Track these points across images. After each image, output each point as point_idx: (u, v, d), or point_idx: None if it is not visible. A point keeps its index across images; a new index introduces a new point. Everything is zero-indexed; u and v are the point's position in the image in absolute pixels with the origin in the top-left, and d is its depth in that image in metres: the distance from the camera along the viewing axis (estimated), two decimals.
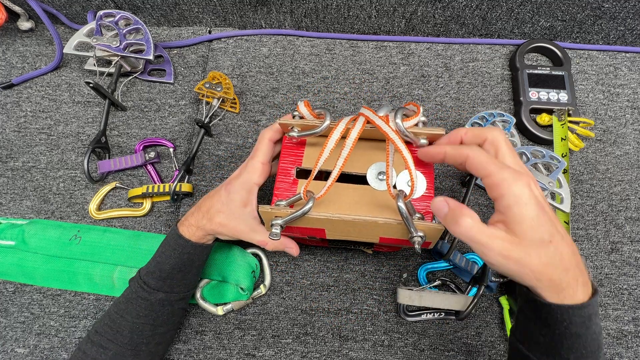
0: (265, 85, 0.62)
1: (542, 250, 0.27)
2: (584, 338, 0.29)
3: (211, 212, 0.41)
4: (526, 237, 0.28)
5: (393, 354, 0.48)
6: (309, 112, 0.38)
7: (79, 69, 0.64)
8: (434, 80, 0.62)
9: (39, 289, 0.52)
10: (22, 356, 0.49)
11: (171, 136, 0.59)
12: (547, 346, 0.30)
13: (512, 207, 0.28)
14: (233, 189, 0.40)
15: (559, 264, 0.28)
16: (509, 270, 0.28)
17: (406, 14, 0.61)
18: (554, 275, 0.28)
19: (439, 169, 0.56)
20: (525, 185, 0.28)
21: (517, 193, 0.28)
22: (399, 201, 0.33)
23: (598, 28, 0.61)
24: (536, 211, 0.28)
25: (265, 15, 0.64)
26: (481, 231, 0.28)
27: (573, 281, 0.28)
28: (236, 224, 0.40)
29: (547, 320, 0.29)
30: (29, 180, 0.58)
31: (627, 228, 0.53)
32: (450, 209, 0.30)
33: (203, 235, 0.42)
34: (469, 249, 0.51)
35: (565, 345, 0.29)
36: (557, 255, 0.28)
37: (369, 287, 0.51)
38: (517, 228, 0.28)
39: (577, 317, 0.28)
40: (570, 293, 0.28)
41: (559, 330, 0.29)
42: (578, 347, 0.29)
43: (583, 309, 0.28)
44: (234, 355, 0.48)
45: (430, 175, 0.38)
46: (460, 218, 0.29)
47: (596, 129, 0.58)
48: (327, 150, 0.35)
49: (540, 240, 0.28)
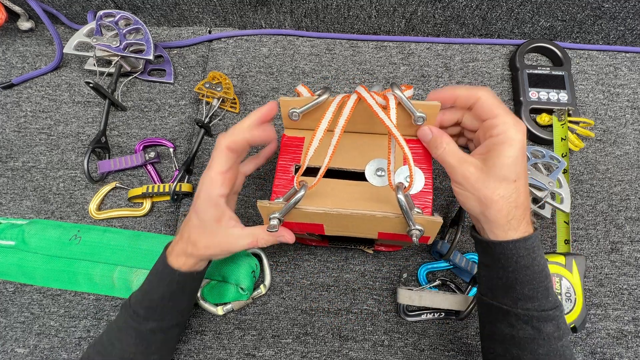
0: (265, 85, 0.62)
1: (503, 185, 0.32)
2: (531, 269, 0.33)
3: (192, 239, 0.38)
4: (494, 170, 0.32)
5: (393, 354, 0.48)
6: (308, 92, 0.38)
7: (79, 69, 0.64)
8: (434, 80, 0.62)
9: (39, 289, 0.52)
10: (22, 356, 0.49)
11: (171, 136, 0.59)
12: (505, 287, 0.34)
13: (502, 144, 0.32)
14: (200, 209, 0.38)
15: (513, 200, 0.33)
16: (467, 193, 0.34)
17: (406, 14, 0.62)
18: (503, 207, 0.32)
19: (438, 169, 0.56)
20: (521, 132, 0.33)
21: (512, 136, 0.32)
22: (399, 193, 0.33)
23: (598, 28, 0.61)
24: (517, 154, 0.32)
25: (265, 15, 0.64)
26: (454, 154, 0.34)
27: (520, 216, 0.33)
28: (219, 241, 0.38)
29: (501, 261, 0.34)
30: (29, 180, 0.58)
31: (627, 228, 0.53)
32: (433, 136, 0.36)
33: (194, 262, 0.40)
34: (469, 249, 0.51)
35: (518, 280, 0.33)
36: (514, 193, 0.33)
37: (369, 287, 0.51)
38: (493, 161, 0.33)
39: (523, 250, 0.33)
40: (515, 226, 0.33)
41: (511, 266, 0.33)
42: (528, 279, 0.33)
43: (527, 240, 0.33)
44: (234, 355, 0.48)
45: (429, 171, 0.38)
46: (439, 143, 0.35)
47: (596, 129, 0.58)
48: (324, 121, 0.35)
49: (504, 177, 0.32)
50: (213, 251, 0.39)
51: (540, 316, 0.33)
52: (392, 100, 0.35)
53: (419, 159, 0.39)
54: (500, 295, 0.35)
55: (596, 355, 0.48)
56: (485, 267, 0.37)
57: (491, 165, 0.33)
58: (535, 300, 0.34)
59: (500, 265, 0.34)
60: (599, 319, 0.49)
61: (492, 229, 0.34)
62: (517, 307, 0.34)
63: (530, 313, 0.33)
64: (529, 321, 0.33)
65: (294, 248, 0.53)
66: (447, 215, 0.53)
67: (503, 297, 0.35)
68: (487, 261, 0.36)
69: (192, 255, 0.39)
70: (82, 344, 0.49)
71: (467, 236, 0.52)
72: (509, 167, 0.32)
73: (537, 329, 0.33)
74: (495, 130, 0.33)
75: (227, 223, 0.38)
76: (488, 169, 0.33)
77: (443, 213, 0.54)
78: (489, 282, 0.36)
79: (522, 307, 0.34)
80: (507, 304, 0.34)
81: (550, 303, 0.34)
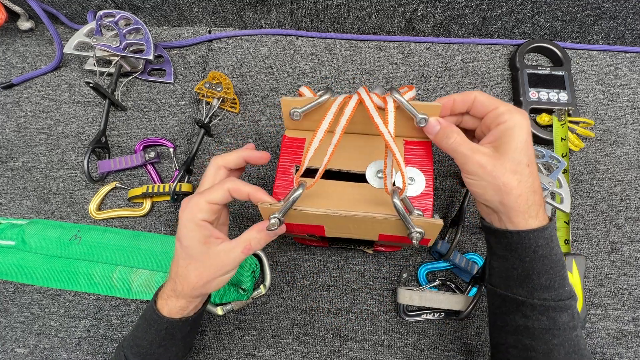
0: (265, 85, 0.62)
1: (519, 169, 0.32)
2: (549, 258, 0.33)
3: (181, 273, 0.35)
4: (509, 155, 0.32)
5: (393, 354, 0.48)
6: (310, 93, 0.39)
7: (79, 69, 0.64)
8: (434, 80, 0.62)
9: (39, 289, 0.52)
10: (22, 356, 0.49)
11: (171, 136, 0.59)
12: (521, 277, 0.34)
13: (511, 129, 0.32)
14: (182, 235, 0.34)
15: (530, 185, 0.32)
16: (484, 182, 0.33)
17: (406, 14, 0.62)
18: (523, 192, 0.32)
19: (438, 169, 0.56)
20: (524, 117, 0.33)
21: (518, 121, 0.33)
22: (394, 197, 0.33)
23: (598, 28, 0.61)
24: (527, 138, 0.33)
25: (265, 15, 0.64)
26: (466, 143, 0.34)
27: (538, 202, 0.33)
28: (210, 264, 0.35)
29: (518, 251, 0.33)
30: (29, 180, 0.58)
31: (627, 228, 0.53)
32: (441, 127, 0.35)
33: (185, 304, 0.36)
34: (469, 249, 0.51)
35: (535, 270, 0.33)
36: (530, 177, 0.32)
37: (369, 287, 0.51)
38: (505, 147, 0.32)
39: (542, 240, 0.32)
40: (534, 213, 0.32)
41: (529, 256, 0.33)
42: (546, 268, 0.33)
43: (546, 230, 0.32)
44: (234, 355, 0.48)
45: (430, 173, 0.38)
46: (450, 133, 0.34)
47: (596, 129, 0.58)
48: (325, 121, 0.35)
49: (519, 160, 0.32)
50: (207, 277, 0.35)
51: (557, 306, 0.33)
52: (391, 103, 0.35)
53: (420, 161, 0.39)
54: (515, 285, 0.34)
55: (596, 355, 0.48)
56: (499, 258, 0.36)
57: (504, 151, 0.32)
58: (552, 290, 0.33)
59: (517, 255, 0.33)
60: (599, 319, 0.49)
61: (512, 218, 0.33)
62: (533, 297, 0.33)
63: (547, 303, 0.33)
64: (544, 311, 0.33)
65: (294, 248, 0.53)
66: (447, 215, 0.53)
67: (518, 287, 0.34)
68: (502, 252, 0.35)
69: (182, 295, 0.36)
70: (82, 344, 0.49)
71: (467, 236, 0.52)
72: (522, 151, 0.32)
73: (552, 319, 0.33)
74: (502, 117, 0.33)
75: (214, 242, 0.35)
76: (501, 155, 0.32)
77: (443, 213, 0.54)
78: (503, 272, 0.35)
79: (538, 297, 0.33)
80: (522, 295, 0.34)
81: (566, 292, 0.33)
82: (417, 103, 0.36)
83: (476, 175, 0.33)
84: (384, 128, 0.34)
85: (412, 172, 0.38)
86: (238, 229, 0.54)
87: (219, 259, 0.35)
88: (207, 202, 0.34)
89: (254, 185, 0.35)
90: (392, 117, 0.34)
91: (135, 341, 0.38)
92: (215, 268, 0.35)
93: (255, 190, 0.35)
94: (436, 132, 0.36)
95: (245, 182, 0.35)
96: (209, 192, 0.34)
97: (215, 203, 0.34)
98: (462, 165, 0.34)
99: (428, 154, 0.39)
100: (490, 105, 0.34)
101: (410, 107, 0.35)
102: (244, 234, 0.36)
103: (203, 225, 0.34)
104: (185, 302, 0.36)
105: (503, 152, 0.32)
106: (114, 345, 0.49)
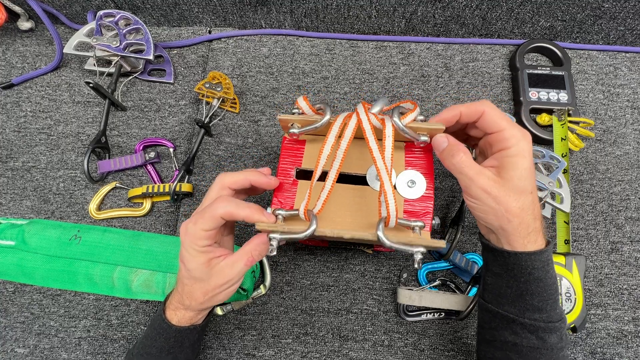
0: (265, 85, 0.62)
1: (522, 197, 0.32)
2: (544, 282, 0.33)
3: (187, 290, 0.36)
4: (513, 182, 0.32)
5: (393, 354, 0.48)
6: (308, 106, 0.38)
7: (79, 69, 0.64)
8: (434, 80, 0.62)
9: (39, 289, 0.52)
10: (22, 356, 0.49)
11: (171, 136, 0.59)
12: (514, 297, 0.34)
13: (515, 156, 0.32)
14: (185, 258, 0.35)
15: (531, 211, 0.33)
16: (486, 207, 0.33)
17: (406, 14, 0.61)
18: (524, 220, 0.32)
19: (438, 169, 0.56)
20: (529, 143, 0.33)
21: (523, 147, 0.33)
22: (379, 230, 0.32)
23: (598, 28, 0.61)
24: (529, 165, 0.33)
25: (265, 15, 0.64)
26: (471, 166, 0.33)
27: (537, 228, 0.33)
28: (215, 283, 0.35)
29: (514, 271, 0.33)
30: (29, 180, 0.58)
31: (627, 228, 0.53)
32: (449, 145, 0.34)
33: (193, 315, 0.38)
34: (469, 249, 0.51)
35: (529, 291, 0.33)
36: (532, 204, 0.33)
37: (369, 287, 0.51)
38: (509, 173, 0.32)
39: (538, 262, 0.33)
40: (533, 239, 0.33)
41: (524, 277, 0.33)
42: (540, 290, 0.33)
43: (543, 253, 0.33)
44: (234, 355, 0.48)
45: (430, 176, 0.38)
46: (456, 153, 0.33)
47: (596, 129, 0.58)
48: (324, 155, 0.35)
49: (523, 188, 0.32)
50: (213, 293, 0.36)
51: (546, 327, 0.33)
52: (389, 128, 0.34)
53: (421, 164, 0.39)
54: (507, 303, 0.35)
55: (596, 355, 0.48)
56: (494, 275, 0.36)
57: (508, 178, 0.32)
58: (544, 312, 0.33)
59: (512, 275, 0.34)
60: (599, 319, 0.49)
61: (510, 241, 0.33)
62: (524, 317, 0.34)
63: (537, 324, 0.33)
64: (534, 331, 0.33)
65: (294, 248, 0.53)
66: (447, 215, 0.53)
67: (510, 305, 0.35)
68: (497, 269, 0.35)
69: (190, 308, 0.37)
70: (82, 344, 0.49)
71: (467, 236, 0.52)
72: (526, 179, 0.32)
73: (541, 339, 0.33)
74: (507, 142, 0.33)
75: (217, 261, 0.35)
76: (505, 181, 0.32)
77: (443, 213, 0.54)
78: (497, 289, 0.36)
79: (529, 317, 0.34)
80: (513, 313, 0.34)
81: (557, 315, 0.34)
82: (419, 125, 0.35)
83: (479, 199, 0.33)
84: (378, 155, 0.33)
85: (412, 174, 0.38)
86: (239, 229, 0.54)
87: (222, 274, 0.35)
88: (202, 230, 0.34)
89: (250, 206, 0.34)
90: (390, 142, 0.34)
91: (145, 349, 0.39)
92: (221, 283, 0.36)
93: (251, 213, 0.34)
94: (442, 149, 0.35)
95: (242, 202, 0.34)
96: (202, 220, 0.34)
97: (210, 230, 0.34)
98: (466, 189, 0.34)
99: (429, 156, 0.39)
100: (496, 127, 0.34)
101: (410, 133, 0.35)
102: (245, 245, 0.36)
103: (205, 250, 0.35)
104: (194, 313, 0.38)
105: (507, 179, 0.32)
106: (114, 345, 0.49)
